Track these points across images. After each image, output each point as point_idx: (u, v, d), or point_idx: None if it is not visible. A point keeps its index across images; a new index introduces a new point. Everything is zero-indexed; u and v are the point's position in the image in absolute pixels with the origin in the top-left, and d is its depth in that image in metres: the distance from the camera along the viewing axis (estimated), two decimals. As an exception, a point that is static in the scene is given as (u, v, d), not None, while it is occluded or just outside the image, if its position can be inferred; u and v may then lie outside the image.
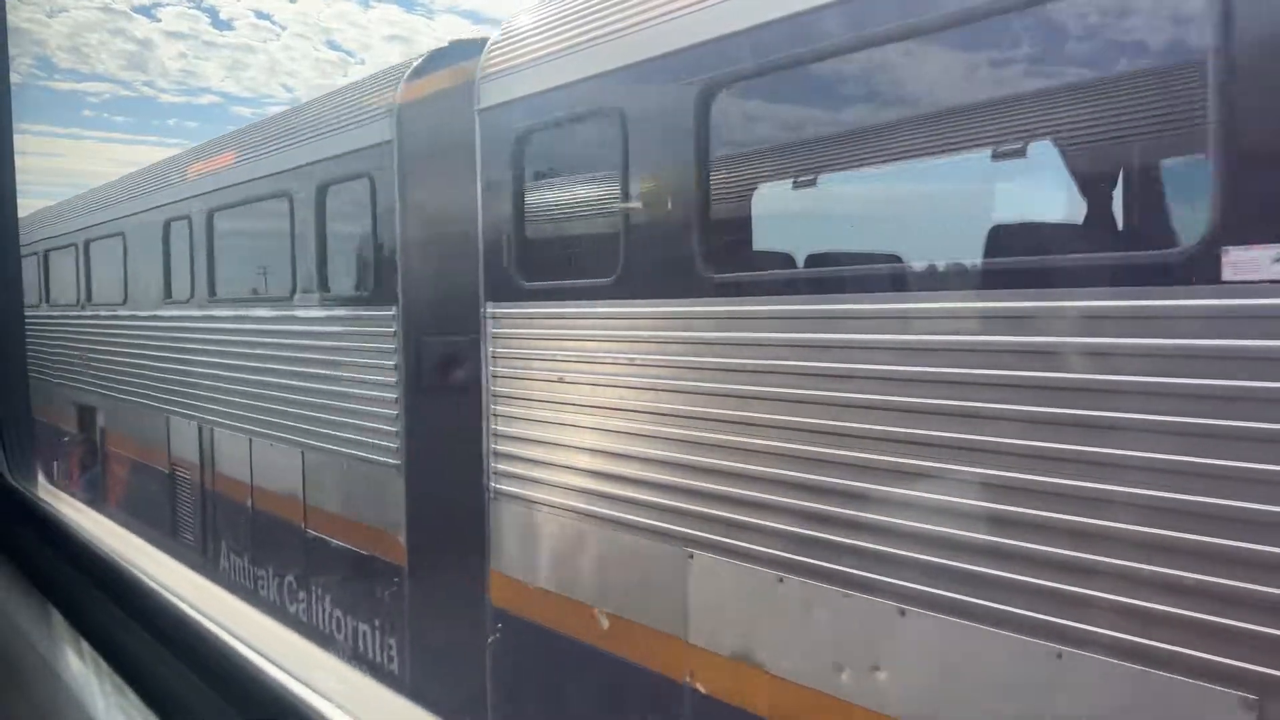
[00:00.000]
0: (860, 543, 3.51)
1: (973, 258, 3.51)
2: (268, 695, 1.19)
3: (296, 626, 7.03)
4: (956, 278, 3.51)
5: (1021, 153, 4.15)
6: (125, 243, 10.79)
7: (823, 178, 5.39)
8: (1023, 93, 4.01)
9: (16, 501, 2.29)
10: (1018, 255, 3.47)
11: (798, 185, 5.47)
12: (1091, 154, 4.09)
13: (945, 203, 4.56)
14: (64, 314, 13.03)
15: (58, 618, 1.83)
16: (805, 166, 5.44)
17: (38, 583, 1.98)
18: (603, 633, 4.61)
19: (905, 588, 3.37)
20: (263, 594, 8.15)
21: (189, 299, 9.20)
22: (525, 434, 5.12)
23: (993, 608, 3.13)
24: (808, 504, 3.69)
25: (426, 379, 6.23)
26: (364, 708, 1.14)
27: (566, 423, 4.84)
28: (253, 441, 8.10)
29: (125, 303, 10.92)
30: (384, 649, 6.66)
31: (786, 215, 5.69)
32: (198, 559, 9.04)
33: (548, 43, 4.96)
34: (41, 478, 2.50)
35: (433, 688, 6.10)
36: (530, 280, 5.11)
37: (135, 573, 1.70)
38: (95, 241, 11.82)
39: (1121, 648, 2.85)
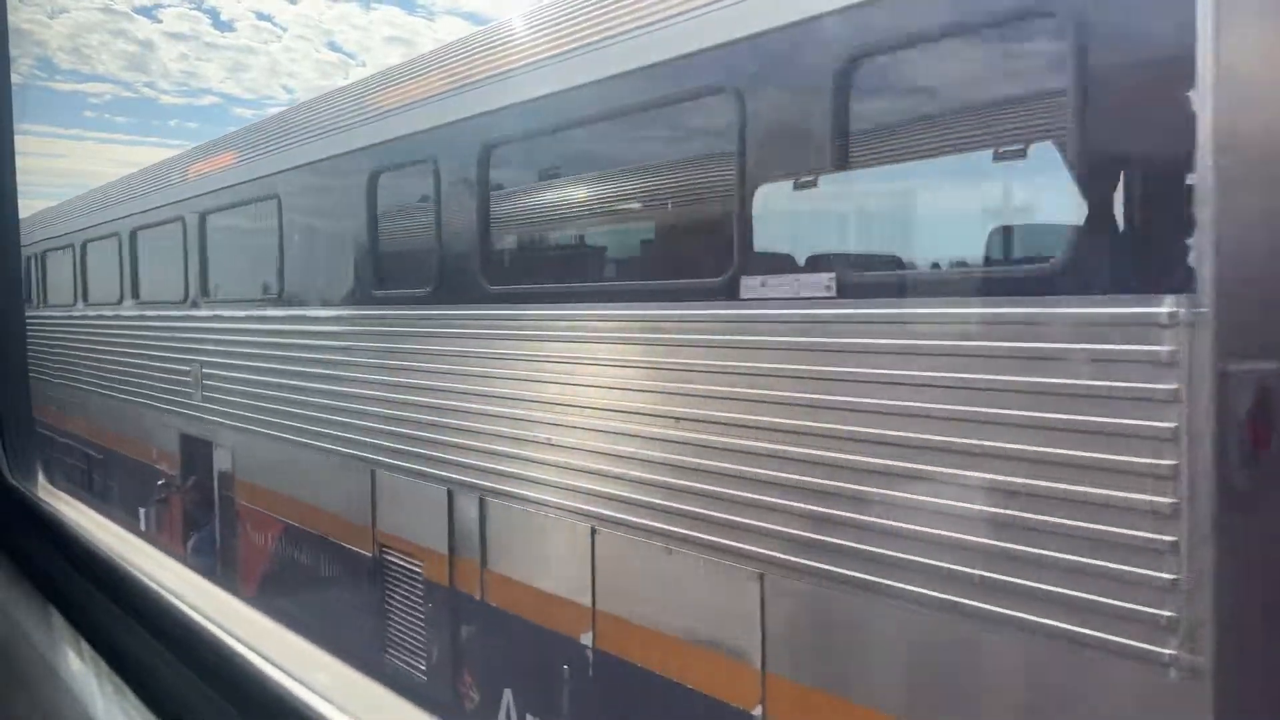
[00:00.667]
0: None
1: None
2: (267, 695, 1.19)
3: None
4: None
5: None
6: (281, 208, 7.69)
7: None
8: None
9: (17, 502, 2.29)
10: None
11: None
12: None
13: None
14: (157, 312, 10.06)
15: (58, 617, 1.83)
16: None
17: (38, 583, 1.99)
18: None
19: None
20: None
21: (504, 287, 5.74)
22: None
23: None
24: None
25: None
26: (363, 707, 1.14)
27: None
28: (597, 535, 4.84)
29: (306, 297, 7.50)
30: None
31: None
32: None
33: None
34: (42, 479, 2.50)
35: None
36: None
37: (135, 573, 1.70)
38: (213, 214, 8.92)
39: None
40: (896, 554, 3.57)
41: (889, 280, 3.95)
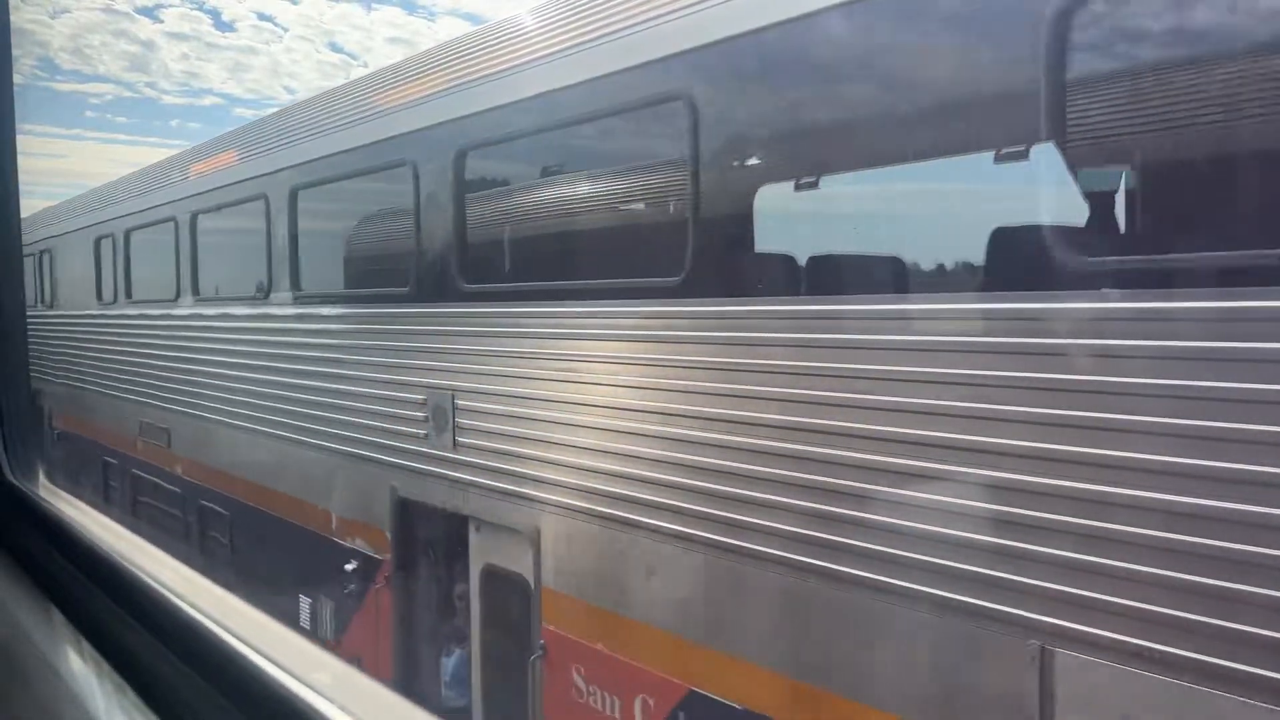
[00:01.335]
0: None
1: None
2: (267, 694, 1.19)
3: None
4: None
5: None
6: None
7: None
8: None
9: (18, 500, 2.29)
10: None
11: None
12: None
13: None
14: (337, 310, 7.34)
15: (58, 616, 1.83)
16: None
17: (39, 581, 1.99)
18: None
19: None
20: None
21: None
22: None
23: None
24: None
25: None
26: (363, 706, 1.14)
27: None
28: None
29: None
30: None
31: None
32: None
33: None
34: (43, 477, 2.50)
35: None
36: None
37: (135, 571, 1.70)
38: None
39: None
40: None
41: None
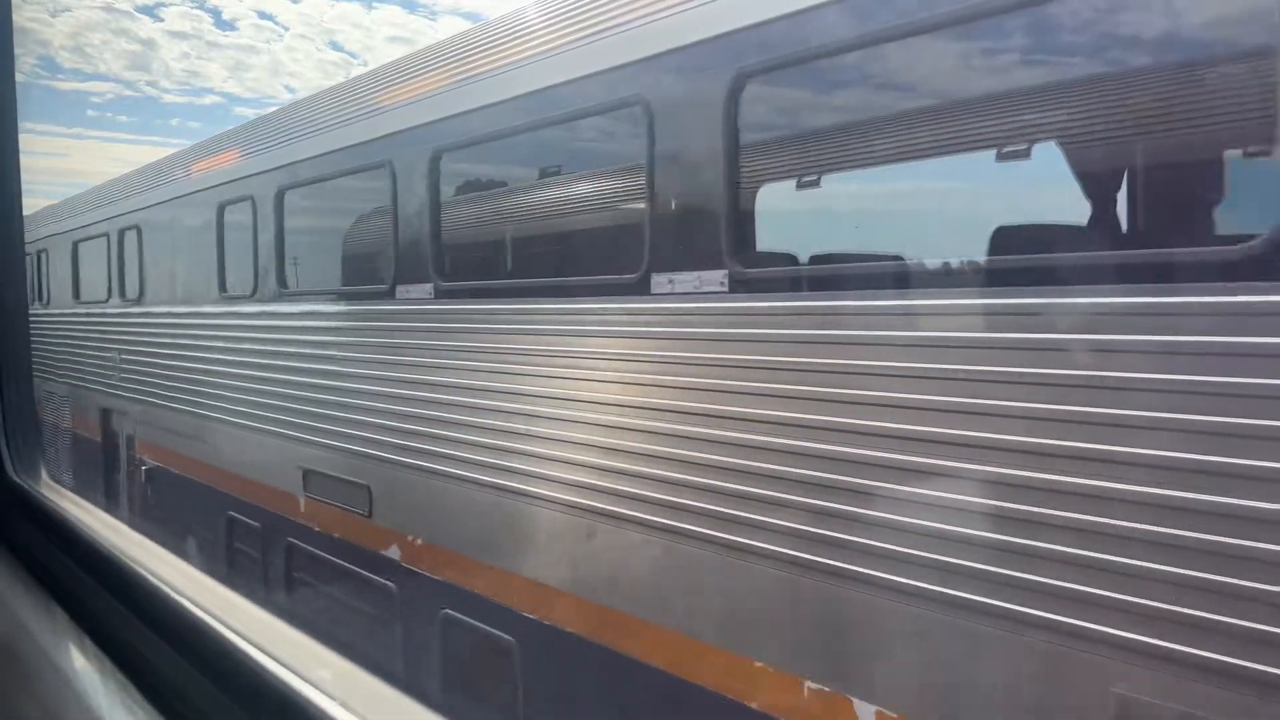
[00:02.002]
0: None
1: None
2: (269, 691, 1.19)
3: None
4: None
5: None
6: None
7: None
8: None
9: (21, 498, 2.30)
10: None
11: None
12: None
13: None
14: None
15: (61, 613, 1.83)
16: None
17: (42, 579, 1.99)
18: None
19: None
20: None
21: None
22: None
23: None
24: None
25: None
26: (365, 703, 1.14)
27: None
28: None
29: None
30: None
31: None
32: None
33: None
34: (45, 475, 2.50)
35: None
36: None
37: (138, 569, 1.71)
38: None
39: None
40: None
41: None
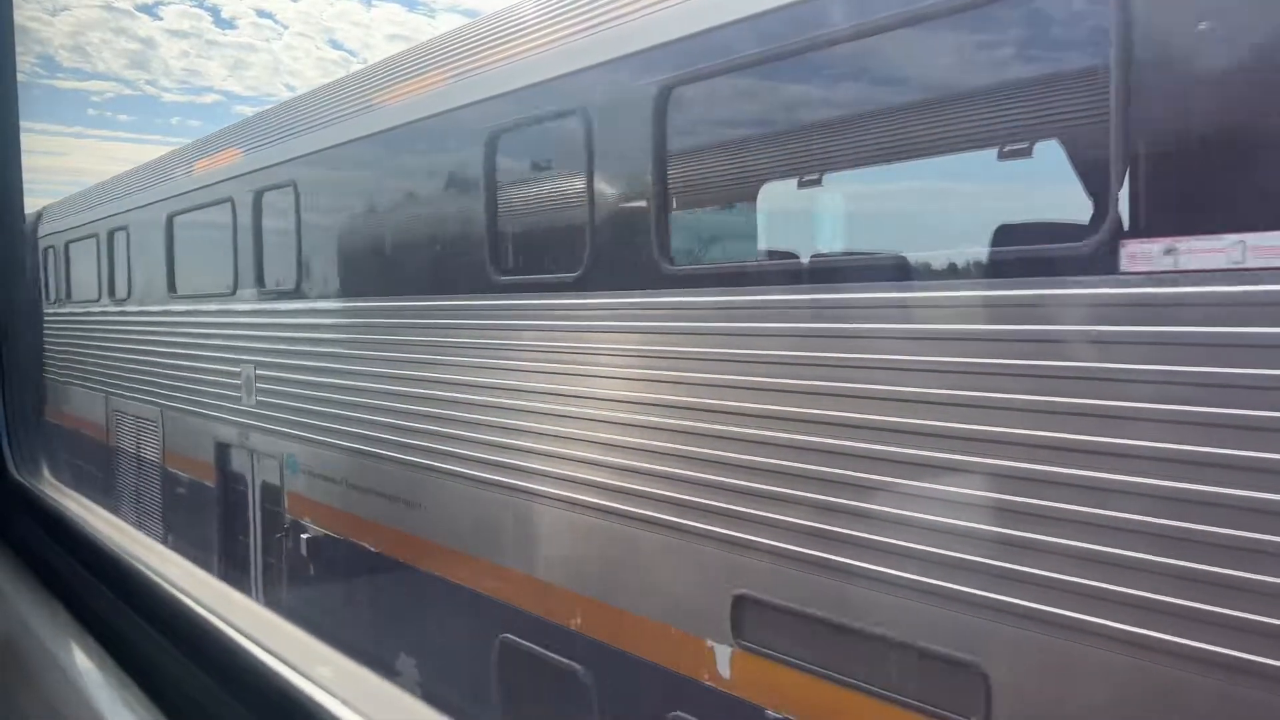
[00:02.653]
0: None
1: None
2: (270, 688, 1.19)
3: None
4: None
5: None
6: None
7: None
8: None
9: (22, 496, 2.30)
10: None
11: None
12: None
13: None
14: None
15: (62, 611, 1.83)
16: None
17: (42, 576, 1.99)
18: None
19: None
20: None
21: None
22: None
23: None
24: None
25: None
26: (366, 701, 1.14)
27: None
28: None
29: None
30: None
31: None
32: None
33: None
34: (47, 473, 2.51)
35: None
36: None
37: (139, 567, 1.71)
38: None
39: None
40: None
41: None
